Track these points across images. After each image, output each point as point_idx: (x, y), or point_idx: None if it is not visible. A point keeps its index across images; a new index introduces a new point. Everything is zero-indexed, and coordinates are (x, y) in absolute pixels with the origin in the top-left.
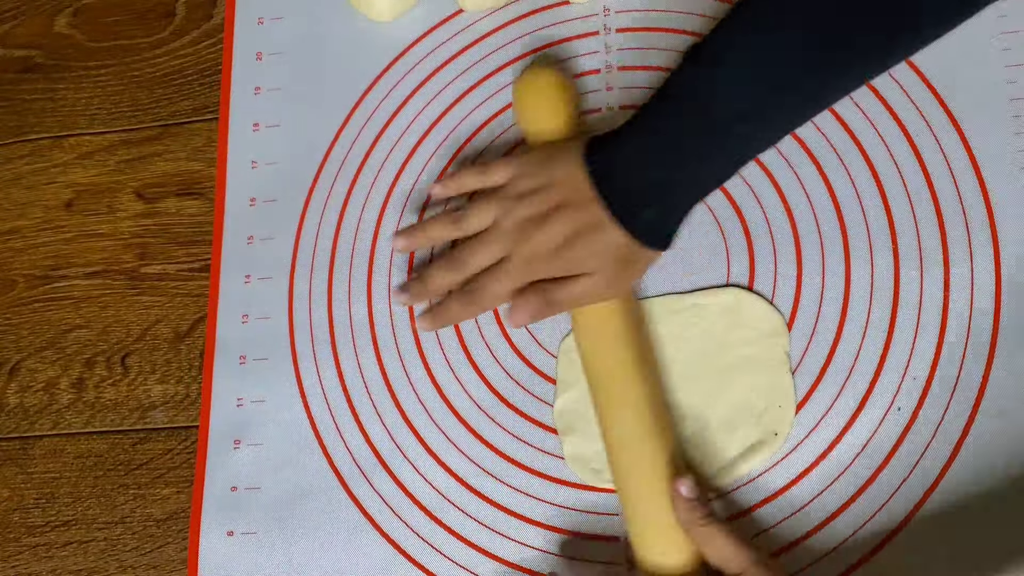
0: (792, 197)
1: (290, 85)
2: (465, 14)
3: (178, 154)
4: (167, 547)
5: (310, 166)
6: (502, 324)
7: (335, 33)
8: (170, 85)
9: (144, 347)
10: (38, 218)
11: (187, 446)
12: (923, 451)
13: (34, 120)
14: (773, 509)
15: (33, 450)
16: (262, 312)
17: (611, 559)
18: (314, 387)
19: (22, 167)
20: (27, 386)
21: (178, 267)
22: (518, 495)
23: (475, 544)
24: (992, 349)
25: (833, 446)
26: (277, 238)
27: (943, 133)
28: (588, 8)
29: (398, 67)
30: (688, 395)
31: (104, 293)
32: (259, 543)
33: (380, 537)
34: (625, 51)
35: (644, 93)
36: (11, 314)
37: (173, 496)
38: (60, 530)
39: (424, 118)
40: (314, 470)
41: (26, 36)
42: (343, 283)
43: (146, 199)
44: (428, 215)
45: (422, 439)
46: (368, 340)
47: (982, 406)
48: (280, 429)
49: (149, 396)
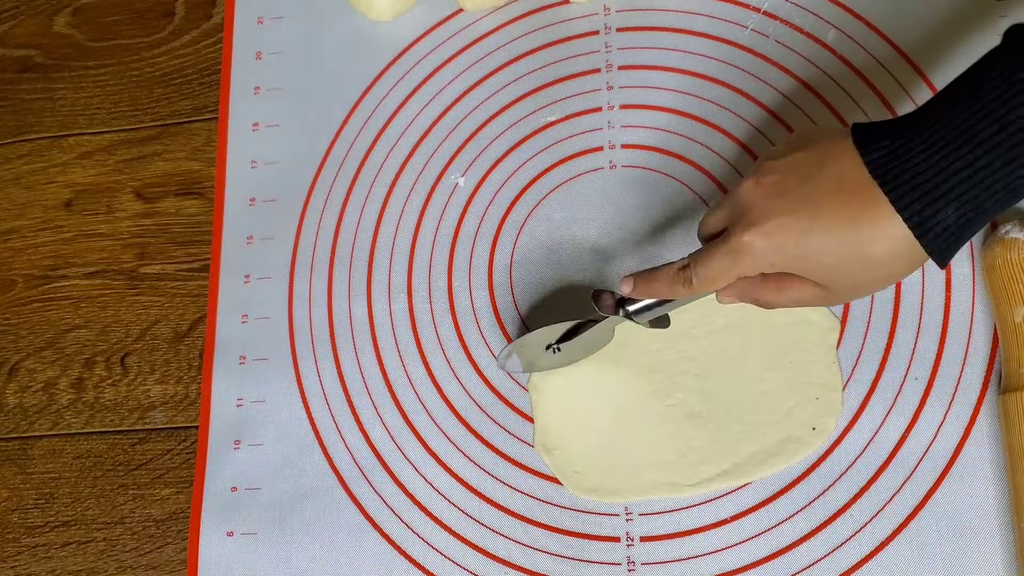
0: None
1: (290, 85)
2: (465, 14)
3: (177, 154)
4: (167, 547)
5: (310, 166)
6: (502, 324)
7: (335, 33)
8: (169, 85)
9: (143, 347)
10: (37, 218)
11: (187, 446)
12: (924, 451)
13: (33, 120)
14: (774, 508)
15: (32, 450)
16: (262, 312)
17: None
18: (314, 387)
19: (21, 167)
20: (26, 386)
21: (177, 267)
22: (518, 495)
23: (475, 544)
24: (993, 350)
25: (834, 447)
26: (277, 238)
27: None
28: (588, 8)
29: (398, 67)
30: (735, 381)
31: (103, 293)
32: (259, 543)
33: (380, 537)
34: (625, 51)
35: (644, 93)
36: (10, 314)
37: (173, 496)
38: (59, 530)
39: (424, 118)
40: (314, 470)
41: (25, 36)
42: (343, 283)
43: (145, 199)
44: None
45: (422, 439)
46: (368, 340)
47: (982, 407)
48: (280, 429)
49: (148, 396)
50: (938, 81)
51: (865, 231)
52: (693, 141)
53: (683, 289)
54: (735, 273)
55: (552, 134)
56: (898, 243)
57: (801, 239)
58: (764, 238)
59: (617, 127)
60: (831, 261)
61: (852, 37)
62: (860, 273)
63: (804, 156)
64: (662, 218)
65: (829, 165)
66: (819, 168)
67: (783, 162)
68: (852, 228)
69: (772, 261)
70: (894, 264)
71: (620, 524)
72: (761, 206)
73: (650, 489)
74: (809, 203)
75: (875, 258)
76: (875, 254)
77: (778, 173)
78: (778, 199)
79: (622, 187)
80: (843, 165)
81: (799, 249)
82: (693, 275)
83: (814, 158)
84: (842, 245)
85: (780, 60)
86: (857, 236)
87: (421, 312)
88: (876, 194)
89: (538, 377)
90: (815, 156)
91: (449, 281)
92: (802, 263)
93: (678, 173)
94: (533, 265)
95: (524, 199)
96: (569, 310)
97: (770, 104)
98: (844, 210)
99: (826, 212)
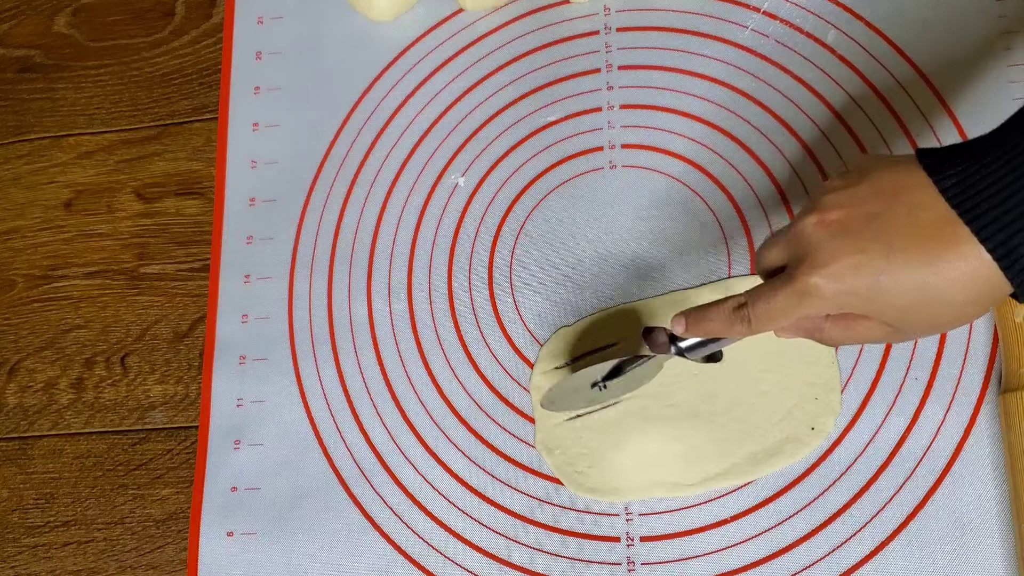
0: (793, 197)
1: (289, 85)
2: (465, 14)
3: (177, 154)
4: (167, 547)
5: (310, 166)
6: (503, 324)
7: (335, 33)
8: (169, 85)
9: (144, 347)
10: (37, 218)
11: (187, 446)
12: (924, 451)
13: (33, 120)
14: (774, 508)
15: (32, 450)
16: (262, 312)
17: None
18: (314, 387)
19: (21, 167)
20: (26, 386)
21: (177, 267)
22: (518, 495)
23: (475, 544)
24: (993, 349)
25: (834, 447)
26: (277, 238)
27: (944, 133)
28: (588, 8)
29: (398, 67)
30: (735, 380)
31: (103, 293)
32: (259, 543)
33: (380, 537)
34: (625, 51)
35: (644, 93)
36: (10, 314)
37: (173, 496)
38: (59, 530)
39: (424, 118)
40: (314, 470)
41: (25, 36)
42: (343, 283)
43: (145, 199)
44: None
45: (422, 439)
46: (368, 340)
47: (983, 407)
48: (280, 429)
49: (148, 396)
50: (938, 80)
51: (943, 269)
52: (693, 141)
53: (741, 328)
54: (799, 314)
55: (552, 134)
56: (979, 278)
57: (873, 282)
58: (833, 281)
59: (617, 127)
60: (905, 303)
61: (852, 37)
62: (936, 314)
63: (869, 189)
64: (662, 218)
65: (900, 197)
66: (888, 201)
67: (846, 195)
68: (929, 267)
69: (841, 303)
70: (974, 302)
71: (620, 524)
72: (827, 245)
73: (650, 489)
74: (880, 241)
75: (953, 297)
76: (953, 292)
77: (843, 208)
78: (845, 238)
79: (622, 187)
80: (916, 197)
81: (871, 292)
82: (752, 315)
83: (881, 190)
84: (917, 286)
85: (780, 60)
86: (934, 276)
87: (421, 312)
88: (956, 226)
89: (539, 377)
90: (882, 188)
91: (449, 281)
92: (874, 305)
93: (678, 173)
94: (533, 265)
95: (524, 199)
96: (570, 310)
97: (770, 104)
98: (920, 248)
99: (899, 251)
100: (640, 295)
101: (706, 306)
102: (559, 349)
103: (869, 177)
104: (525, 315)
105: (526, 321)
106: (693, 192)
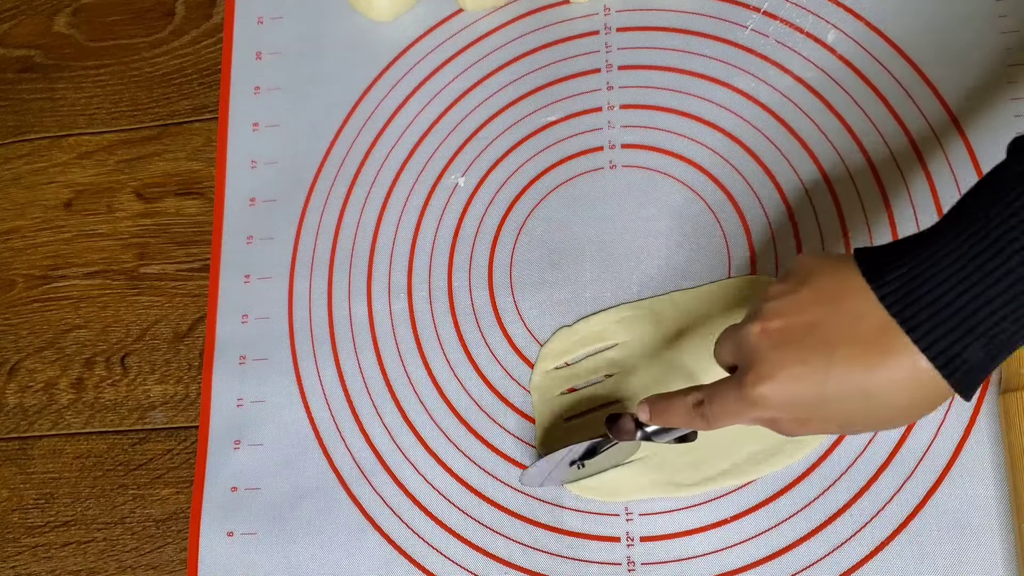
0: (793, 198)
1: (289, 85)
2: (465, 14)
3: (177, 154)
4: (167, 547)
5: (310, 166)
6: (503, 324)
7: (335, 33)
8: (169, 85)
9: (144, 347)
10: (37, 218)
11: (187, 446)
12: (924, 451)
13: (33, 120)
14: (774, 508)
15: (32, 450)
16: (262, 312)
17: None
18: (314, 387)
19: (21, 167)
20: (26, 386)
21: (177, 267)
22: (518, 495)
23: (475, 544)
24: None
25: (835, 447)
26: (277, 238)
27: (944, 132)
28: (588, 8)
29: (398, 67)
30: None
31: (103, 293)
32: (259, 543)
33: (380, 537)
34: (625, 51)
35: (644, 93)
36: (10, 314)
37: (173, 496)
38: (59, 530)
39: (424, 118)
40: (314, 470)
41: (25, 36)
42: (343, 283)
43: (145, 199)
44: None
45: (422, 439)
46: (368, 340)
47: (983, 407)
48: (280, 429)
49: (148, 396)
50: (938, 80)
51: (885, 377)
52: (693, 141)
53: (700, 424)
54: (750, 418)
55: (552, 134)
56: (921, 384)
57: (817, 391)
58: (778, 392)
59: (617, 127)
60: (851, 408)
61: (852, 37)
62: (883, 416)
63: (810, 295)
64: (662, 218)
65: (840, 304)
66: (828, 308)
67: (786, 303)
68: (870, 375)
69: (788, 410)
70: (919, 404)
71: (620, 524)
72: (770, 356)
73: (650, 489)
74: (820, 352)
75: (897, 401)
76: (897, 397)
77: (784, 317)
78: (787, 348)
79: (622, 187)
80: (855, 304)
81: (816, 400)
82: (709, 413)
83: (821, 297)
84: (861, 394)
85: (780, 60)
86: (876, 384)
87: (421, 312)
88: (895, 335)
89: (539, 377)
90: (822, 294)
91: (449, 281)
92: (821, 411)
93: (678, 173)
94: (533, 265)
95: (524, 199)
96: (570, 310)
97: (770, 104)
98: (860, 357)
99: (840, 361)
100: (640, 295)
101: (670, 396)
102: (559, 349)
103: (809, 283)
104: (525, 315)
105: (526, 321)
106: (693, 192)
